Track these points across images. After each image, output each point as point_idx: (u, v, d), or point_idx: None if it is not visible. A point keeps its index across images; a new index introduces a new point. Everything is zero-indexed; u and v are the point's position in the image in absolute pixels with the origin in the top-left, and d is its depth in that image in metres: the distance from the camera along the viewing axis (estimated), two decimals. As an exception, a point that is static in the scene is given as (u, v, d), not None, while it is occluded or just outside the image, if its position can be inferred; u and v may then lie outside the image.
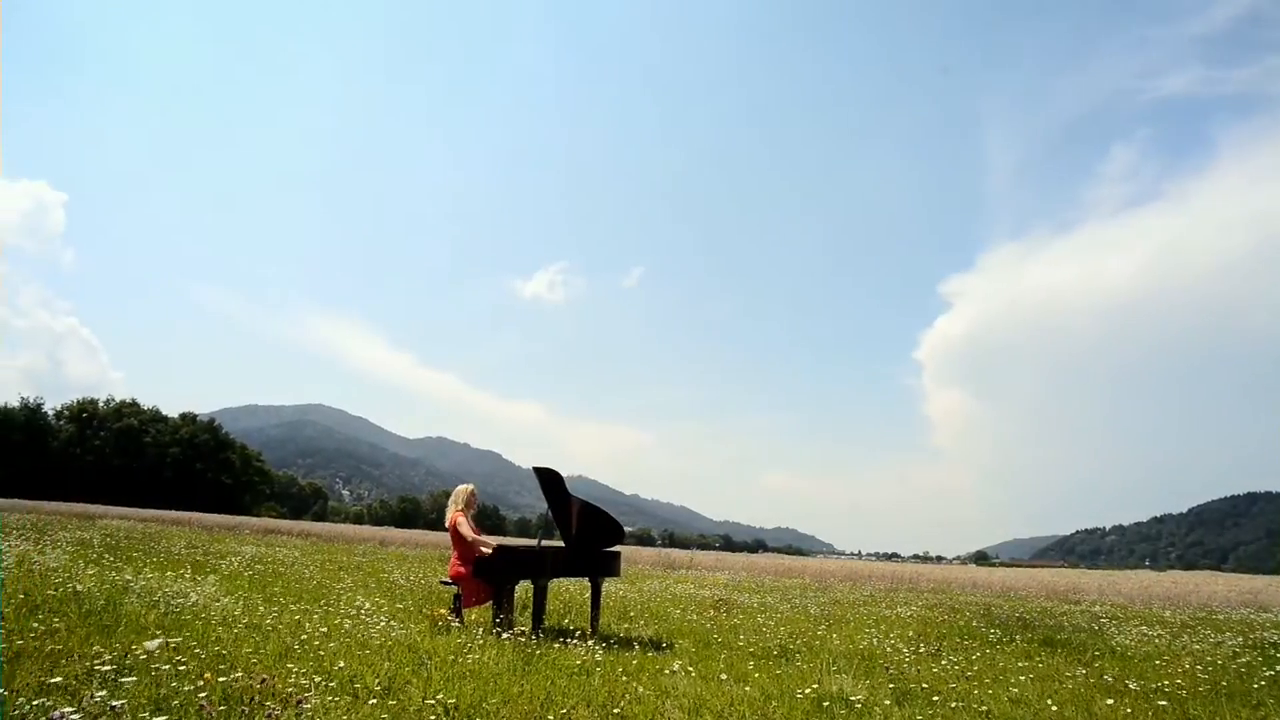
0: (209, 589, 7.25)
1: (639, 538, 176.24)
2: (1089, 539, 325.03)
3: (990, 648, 7.51)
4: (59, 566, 8.00)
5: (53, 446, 79.68)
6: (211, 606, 6.38)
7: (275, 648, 4.92)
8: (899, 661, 6.20)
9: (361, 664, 4.79)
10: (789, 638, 7.56)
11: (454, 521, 7.16)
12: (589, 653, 5.54)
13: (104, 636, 5.01)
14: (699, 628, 8.01)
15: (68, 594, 6.32)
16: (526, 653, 5.46)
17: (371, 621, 6.22)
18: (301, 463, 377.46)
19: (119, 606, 5.99)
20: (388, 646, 5.33)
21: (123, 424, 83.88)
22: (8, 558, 8.44)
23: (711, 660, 5.92)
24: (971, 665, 6.18)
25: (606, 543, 7.61)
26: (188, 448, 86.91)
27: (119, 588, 6.57)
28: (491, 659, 5.22)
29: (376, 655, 5.01)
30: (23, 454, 76.86)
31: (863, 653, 6.63)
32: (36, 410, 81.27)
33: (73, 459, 79.20)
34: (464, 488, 7.54)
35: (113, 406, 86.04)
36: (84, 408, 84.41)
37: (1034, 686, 5.38)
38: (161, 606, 6.21)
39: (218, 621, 5.73)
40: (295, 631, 5.50)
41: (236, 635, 5.25)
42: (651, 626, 8.10)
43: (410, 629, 6.19)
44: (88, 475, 76.90)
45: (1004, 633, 8.69)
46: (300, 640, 5.20)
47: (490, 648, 5.53)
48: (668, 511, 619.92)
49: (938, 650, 7.09)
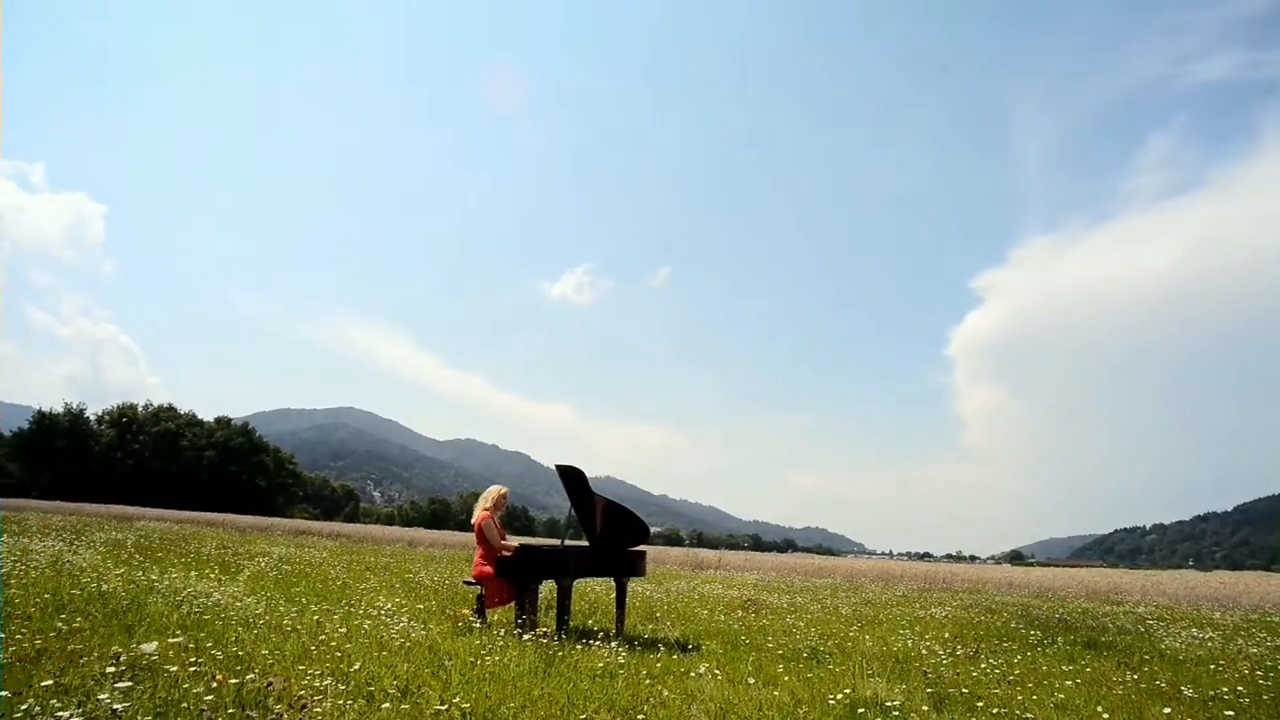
0: (232, 589, 7.24)
1: (667, 538, 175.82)
2: (1128, 538, 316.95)
3: (1031, 650, 7.20)
4: (90, 566, 8.07)
5: (95, 451, 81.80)
6: (234, 606, 6.35)
7: (293, 649, 4.85)
8: (935, 664, 5.95)
9: (380, 666, 4.69)
10: (819, 639, 7.34)
11: (480, 521, 7.06)
12: (613, 654, 5.39)
13: (125, 636, 4.98)
14: (726, 629, 7.82)
15: (94, 593, 6.34)
16: (548, 654, 5.33)
17: (392, 622, 6.14)
18: (333, 465, 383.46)
19: (143, 606, 5.98)
20: (407, 648, 5.23)
21: (160, 428, 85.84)
22: (40, 558, 8.54)
23: (739, 662, 5.73)
24: (1012, 669, 5.90)
25: (631, 542, 7.45)
26: (223, 451, 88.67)
27: (144, 588, 6.57)
28: (512, 661, 5.09)
29: (395, 657, 4.91)
30: (66, 458, 79.10)
31: (897, 655, 6.39)
32: (79, 416, 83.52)
33: (114, 462, 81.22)
34: (495, 489, 7.44)
35: (151, 411, 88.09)
36: (124, 413, 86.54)
37: (1081, 692, 5.10)
38: (185, 606, 6.20)
39: (238, 622, 5.69)
40: (315, 632, 5.42)
41: (255, 636, 5.20)
42: (678, 628, 7.92)
43: (431, 630, 6.09)
44: (128, 478, 78.82)
45: (1045, 634, 8.35)
46: (319, 641, 5.12)
47: (511, 649, 5.41)
48: (696, 511, 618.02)
49: (976, 652, 6.82)
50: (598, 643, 5.96)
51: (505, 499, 7.44)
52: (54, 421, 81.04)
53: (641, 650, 5.97)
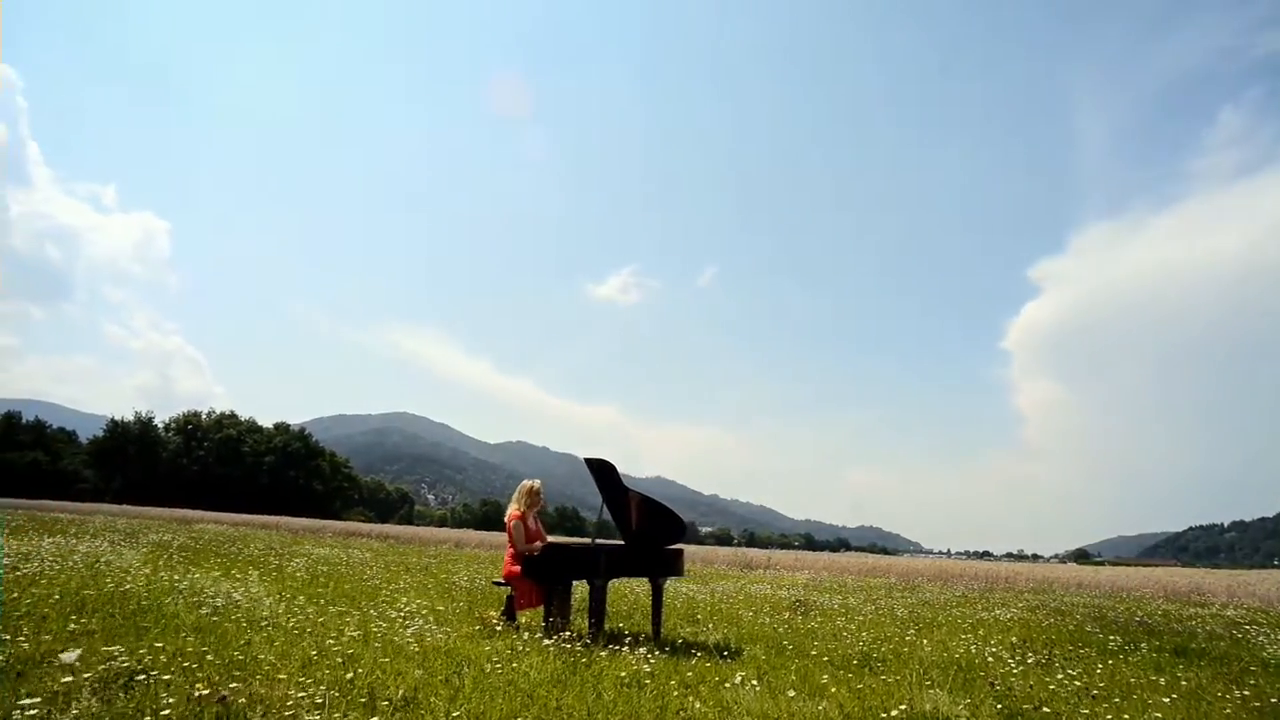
0: (258, 589, 7.06)
1: (717, 537, 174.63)
2: (1205, 536, 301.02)
3: (1111, 657, 6.48)
4: (122, 567, 8.03)
5: (163, 457, 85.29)
6: (255, 608, 6.14)
7: (301, 653, 4.56)
8: (1004, 674, 5.33)
9: (390, 671, 4.36)
10: (872, 643, 6.76)
11: (511, 519, 6.74)
12: (643, 661, 4.96)
13: (134, 638, 4.78)
14: (771, 632, 7.30)
15: (116, 594, 6.22)
16: (574, 660, 4.93)
17: (412, 624, 5.83)
18: (388, 469, 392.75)
19: (161, 607, 5.81)
20: (422, 652, 4.90)
21: (223, 434, 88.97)
22: (79, 559, 8.56)
23: (783, 670, 5.22)
24: (1093, 680, 5.24)
25: (668, 539, 7.00)
26: (281, 456, 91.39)
27: (165, 588, 6.42)
28: (534, 667, 4.70)
29: (407, 662, 4.58)
30: (137, 464, 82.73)
31: (959, 662, 5.78)
32: (148, 424, 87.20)
33: (180, 468, 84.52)
34: (527, 483, 7.11)
35: (214, 418, 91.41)
36: (189, 420, 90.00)
37: (1180, 710, 4.43)
38: (205, 607, 6.01)
39: (252, 623, 5.46)
40: (328, 635, 5.14)
41: (264, 638, 4.94)
42: (720, 630, 7.44)
43: (454, 633, 5.76)
44: (193, 482, 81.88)
45: (1125, 639, 7.56)
46: (330, 644, 4.84)
47: (535, 654, 5.03)
48: (747, 511, 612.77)
49: (1048, 659, 6.15)
50: (631, 647, 5.55)
51: (540, 494, 7.08)
52: (125, 429, 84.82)
53: (677, 655, 5.52)
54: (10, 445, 77.21)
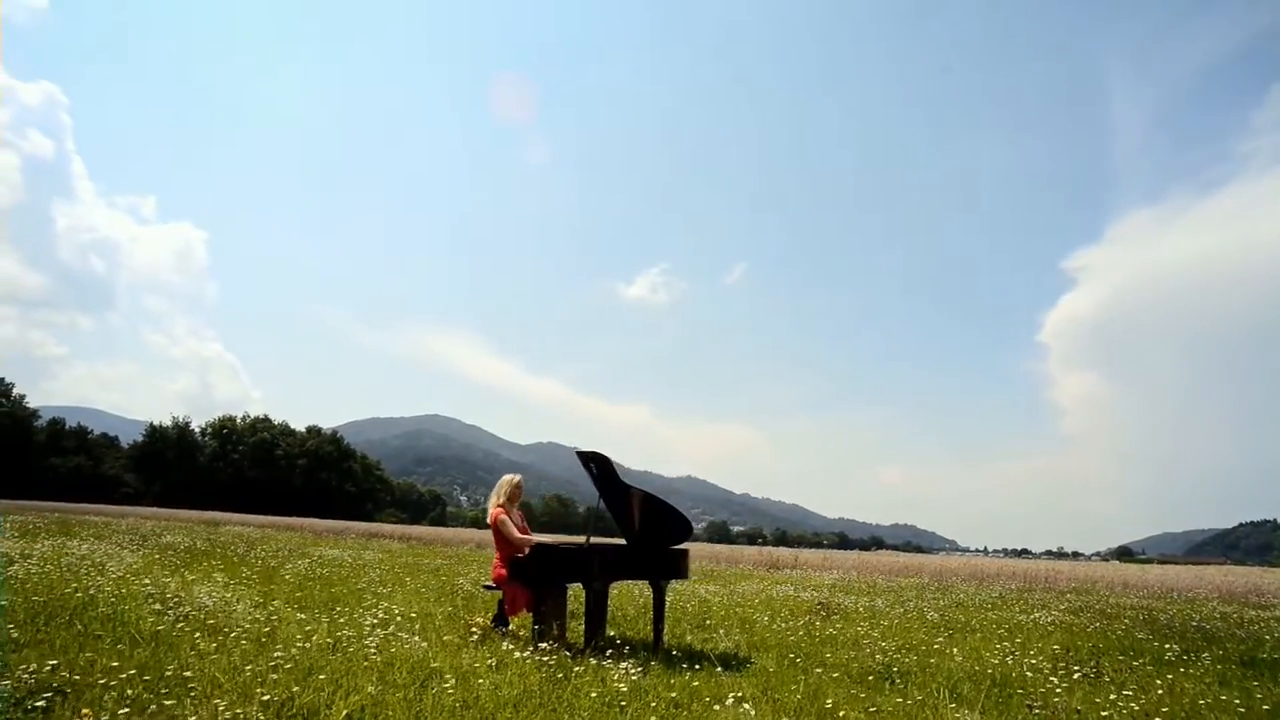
0: (230, 594, 6.66)
1: (750, 537, 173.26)
2: (1256, 532, 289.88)
3: (1168, 669, 5.77)
4: (104, 569, 7.73)
5: (200, 460, 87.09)
6: (224, 614, 5.75)
7: (255, 664, 4.12)
8: (1047, 691, 4.69)
9: (345, 686, 3.91)
10: (897, 652, 6.14)
11: (495, 518, 6.27)
12: (630, 675, 4.43)
13: (78, 650, 4.41)
14: (786, 639, 6.72)
15: (84, 600, 5.88)
16: (555, 674, 4.43)
17: (387, 631, 5.37)
18: (421, 471, 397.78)
19: (123, 615, 5.44)
20: (389, 663, 4.44)
21: (257, 438, 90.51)
22: (66, 561, 8.31)
23: (791, 685, 4.66)
24: (1151, 698, 4.57)
25: (671, 539, 6.48)
26: (314, 459, 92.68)
27: (134, 594, 6.07)
28: (508, 682, 4.22)
29: (367, 675, 4.12)
30: (175, 468, 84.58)
31: (994, 675, 5.15)
32: (185, 428, 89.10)
33: (216, 471, 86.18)
34: (507, 478, 6.64)
35: (248, 423, 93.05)
36: (224, 424, 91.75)
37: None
38: (172, 614, 5.63)
39: (215, 631, 5.05)
40: (292, 643, 4.71)
41: (221, 647, 4.52)
42: (731, 637, 6.88)
43: (434, 642, 5.29)
44: (228, 485, 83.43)
45: (1182, 648, 6.81)
46: (291, 653, 4.40)
47: (515, 666, 4.54)
48: (780, 510, 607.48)
49: (1096, 671, 5.49)
50: (628, 657, 5.04)
51: (520, 490, 6.62)
52: (164, 434, 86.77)
53: (675, 667, 4.99)
54: (55, 451, 79.37)
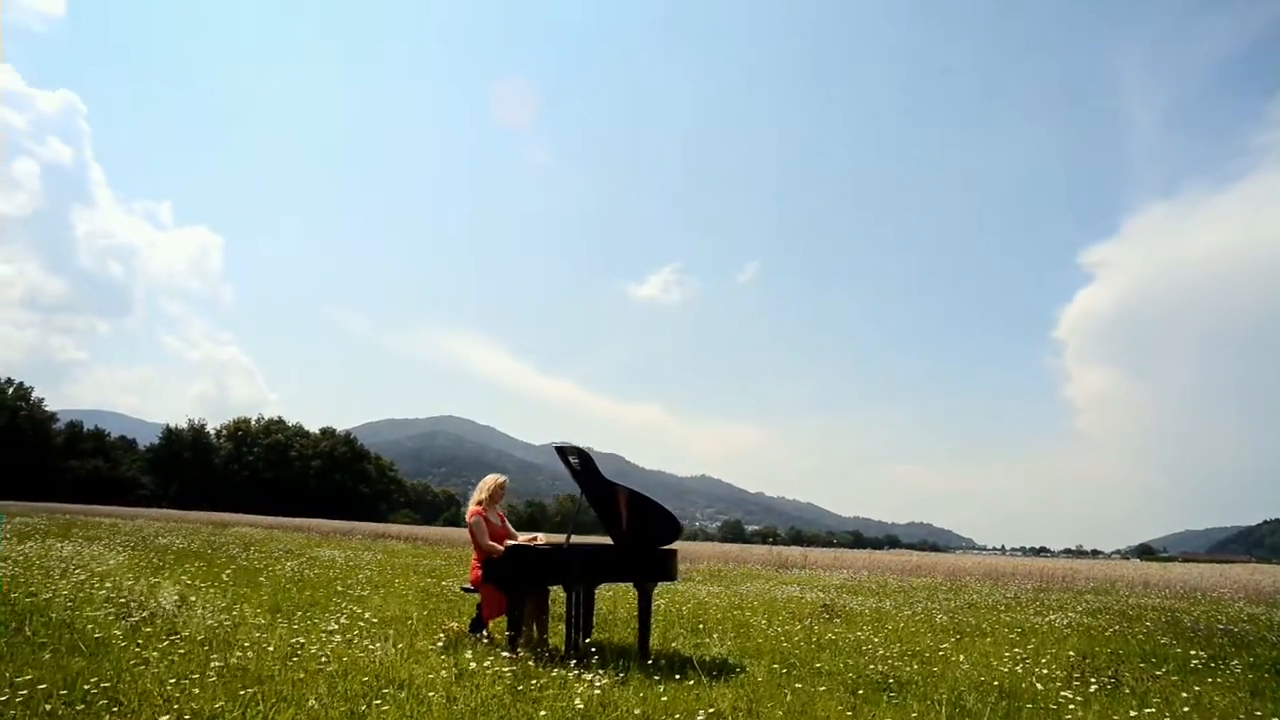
0: (191, 596, 6.36)
1: (763, 535, 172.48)
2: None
3: (1194, 678, 5.33)
4: (99, 573, 7.47)
5: (215, 462, 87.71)
6: (181, 619, 5.44)
7: (202, 675, 3.81)
8: (1059, 704, 4.28)
9: (286, 697, 3.60)
10: (899, 659, 5.74)
11: (472, 515, 5.95)
12: (599, 686, 4.07)
13: (10, 658, 4.12)
14: (783, 644, 6.33)
15: (35, 605, 5.61)
16: (517, 686, 4.08)
17: (352, 637, 5.05)
18: (436, 471, 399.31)
19: (74, 621, 5.15)
20: (342, 673, 4.11)
21: (271, 440, 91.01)
22: (44, 563, 8.07)
23: (778, 697, 4.28)
24: (1175, 712, 4.14)
25: (659, 539, 6.10)
26: (328, 460, 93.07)
27: (93, 599, 5.78)
28: (465, 696, 3.87)
29: (310, 687, 3.79)
30: (192, 470, 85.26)
31: (1003, 686, 4.74)
32: (201, 430, 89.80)
33: (232, 473, 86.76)
34: (490, 478, 6.32)
35: (262, 424, 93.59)
36: (239, 426, 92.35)
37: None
38: (128, 620, 5.33)
39: (164, 637, 4.74)
40: (248, 650, 4.39)
41: (164, 656, 4.21)
42: (725, 642, 6.50)
43: (400, 647, 4.96)
44: (244, 487, 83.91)
45: (1209, 654, 6.34)
46: (240, 663, 4.09)
47: (475, 677, 4.19)
48: (794, 509, 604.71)
49: (1114, 680, 5.05)
50: (607, 665, 4.68)
51: (504, 489, 6.29)
52: (180, 437, 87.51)
53: (657, 676, 4.62)
54: (72, 453, 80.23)
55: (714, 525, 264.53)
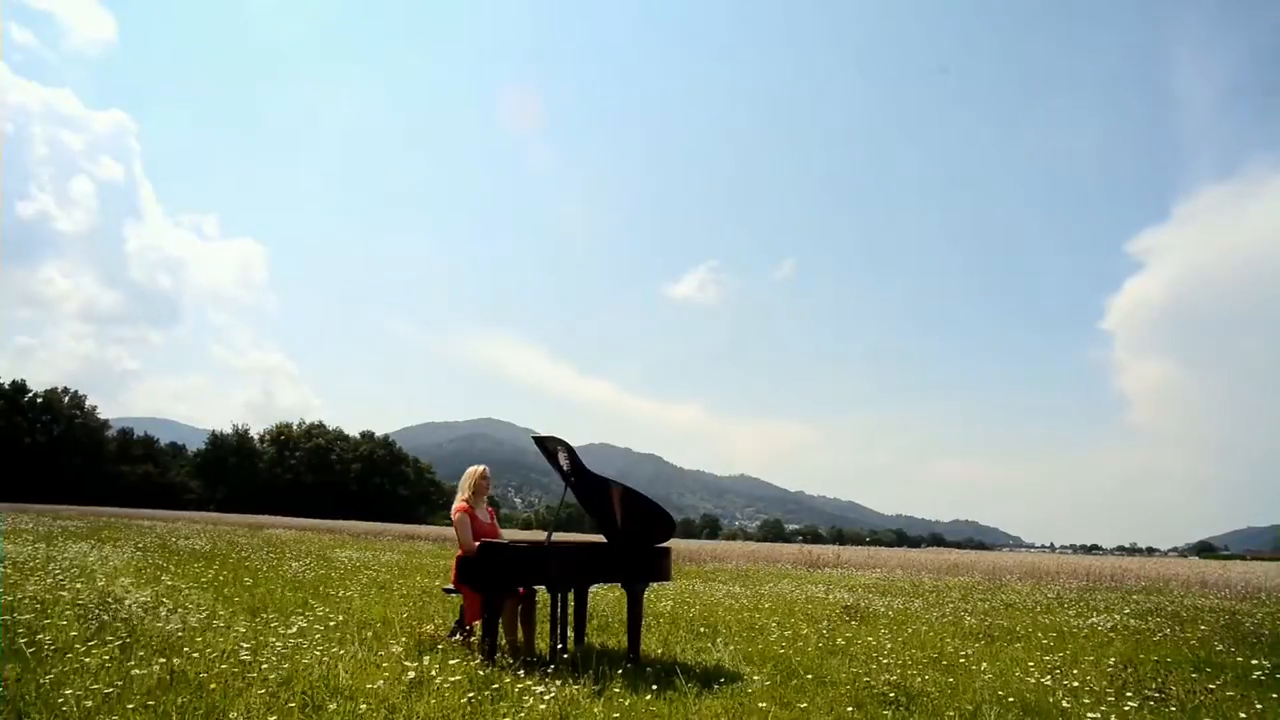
0: (163, 598, 6.12)
1: (803, 535, 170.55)
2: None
3: (1255, 692, 4.66)
4: (99, 572, 7.35)
5: (259, 467, 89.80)
6: (145, 621, 5.18)
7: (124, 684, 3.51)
8: (1089, 723, 3.71)
9: (209, 714, 3.26)
10: (914, 666, 5.20)
11: (458, 511, 5.59)
12: (575, 700, 3.66)
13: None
14: (791, 650, 5.82)
15: (41, 596, 5.44)
16: (480, 699, 3.69)
17: (313, 640, 4.71)
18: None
19: (31, 623, 4.93)
20: (285, 681, 3.77)
21: (312, 444, 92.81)
22: (47, 564, 7.98)
23: (771, 713, 3.81)
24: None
25: (654, 538, 5.68)
26: (367, 463, 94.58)
27: (56, 600, 5.57)
28: (409, 707, 3.50)
29: (236, 700, 3.45)
30: (237, 474, 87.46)
31: (1025, 701, 4.17)
32: (245, 435, 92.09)
33: (275, 477, 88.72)
34: (471, 470, 5.97)
35: (304, 429, 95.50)
36: (281, 431, 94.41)
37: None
38: (84, 623, 5.09)
39: (116, 642, 4.46)
40: (207, 653, 4.10)
41: (109, 662, 3.92)
42: (730, 646, 6.02)
43: (354, 654, 4.60)
44: (287, 491, 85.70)
45: (1273, 664, 5.63)
46: (179, 669, 3.78)
47: (426, 687, 3.81)
48: (835, 507, 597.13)
49: (1160, 694, 4.44)
50: (589, 673, 4.28)
51: (487, 481, 5.92)
52: (225, 442, 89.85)
53: (643, 687, 4.19)
54: (124, 459, 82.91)
55: (754, 525, 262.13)
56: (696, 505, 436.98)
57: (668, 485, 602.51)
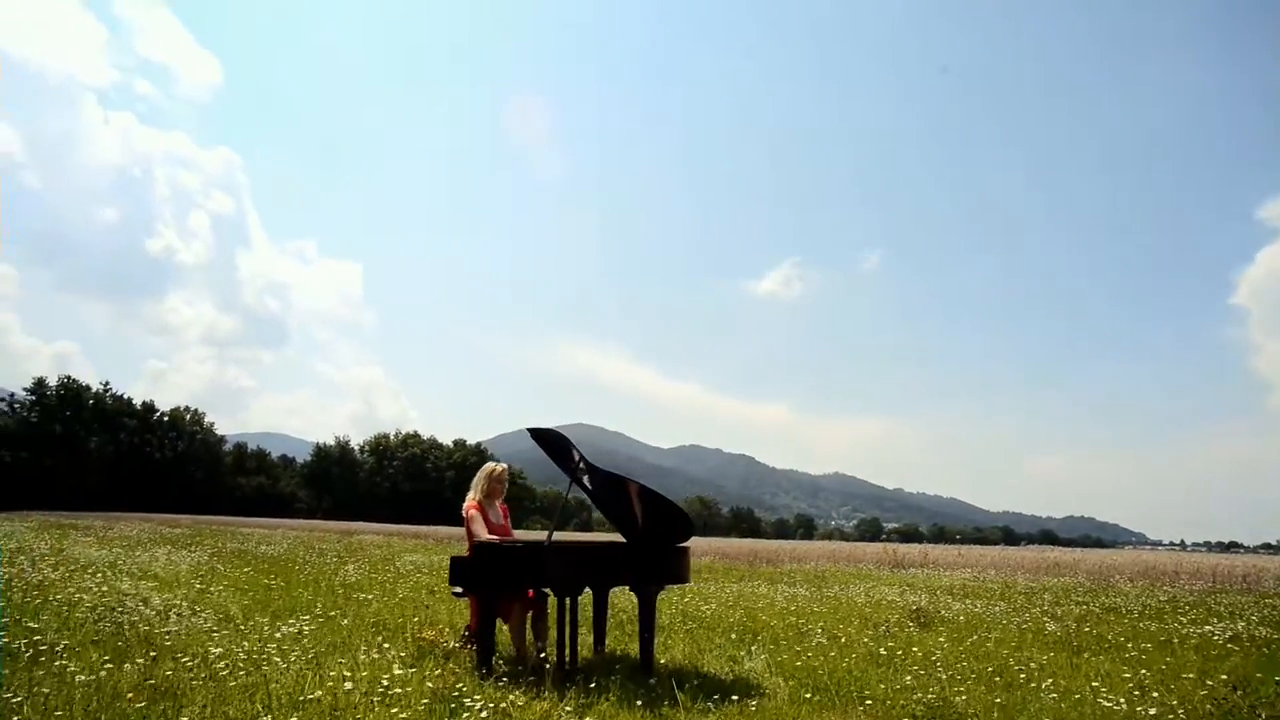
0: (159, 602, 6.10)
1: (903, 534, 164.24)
2: None
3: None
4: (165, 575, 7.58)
5: (360, 476, 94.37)
6: (141, 623, 5.13)
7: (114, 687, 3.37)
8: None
9: None
10: (966, 682, 4.48)
11: (470, 509, 5.34)
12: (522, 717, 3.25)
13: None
14: (824, 662, 5.19)
15: (66, 599, 5.56)
16: (438, 709, 3.34)
17: (306, 647, 4.50)
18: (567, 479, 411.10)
19: (69, 619, 4.99)
20: (249, 690, 3.55)
21: (408, 453, 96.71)
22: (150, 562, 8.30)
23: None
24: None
25: (673, 537, 5.21)
26: (460, 470, 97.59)
27: (77, 604, 5.63)
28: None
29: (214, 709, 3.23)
30: (340, 484, 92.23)
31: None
32: (345, 446, 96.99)
33: (374, 486, 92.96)
34: (486, 467, 5.74)
35: (400, 438, 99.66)
36: (380, 441, 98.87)
37: None
38: (106, 621, 5.10)
39: (99, 646, 4.39)
40: (201, 655, 3.95)
41: (84, 667, 3.83)
42: (759, 657, 5.44)
43: (359, 658, 4.36)
44: (386, 499, 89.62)
45: None
46: (149, 672, 3.64)
47: (391, 700, 3.49)
48: (936, 504, 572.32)
49: (1275, 721, 3.59)
50: (588, 684, 3.91)
51: (503, 482, 5.65)
52: (328, 453, 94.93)
53: (642, 706, 3.73)
54: (240, 471, 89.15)
55: (850, 524, 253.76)
56: (790, 505, 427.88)
57: (760, 485, 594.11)
